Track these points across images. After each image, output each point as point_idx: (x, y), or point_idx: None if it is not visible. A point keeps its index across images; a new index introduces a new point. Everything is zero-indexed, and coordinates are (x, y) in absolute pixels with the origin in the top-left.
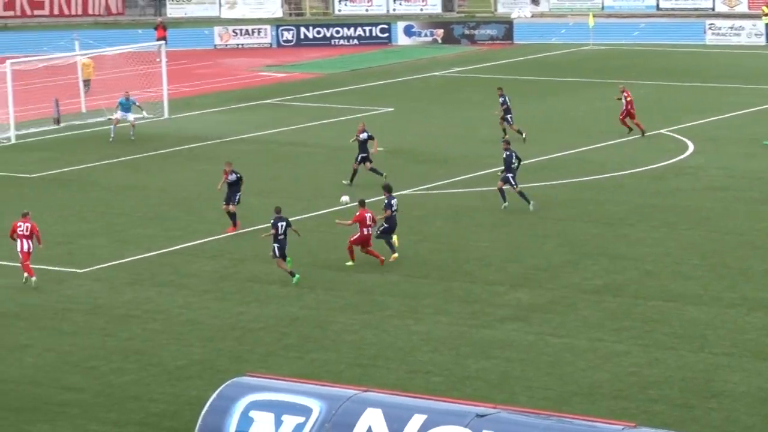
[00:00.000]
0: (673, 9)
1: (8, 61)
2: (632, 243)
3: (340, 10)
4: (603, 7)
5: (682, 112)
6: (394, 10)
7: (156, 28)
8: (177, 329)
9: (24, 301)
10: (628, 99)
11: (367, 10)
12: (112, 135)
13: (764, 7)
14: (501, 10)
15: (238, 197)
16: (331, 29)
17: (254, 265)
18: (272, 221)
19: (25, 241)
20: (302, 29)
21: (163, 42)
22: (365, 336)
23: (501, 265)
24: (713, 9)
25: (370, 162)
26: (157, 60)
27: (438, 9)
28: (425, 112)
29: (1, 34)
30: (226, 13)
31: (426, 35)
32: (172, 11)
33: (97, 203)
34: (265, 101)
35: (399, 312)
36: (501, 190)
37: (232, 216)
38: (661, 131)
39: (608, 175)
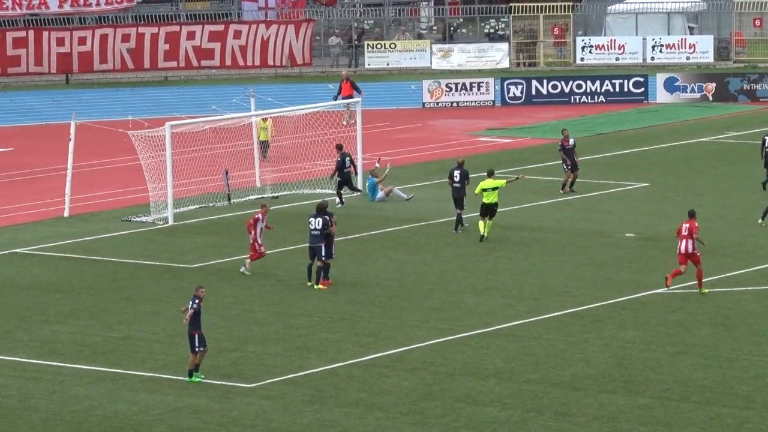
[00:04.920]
0: None
1: (167, 124)
2: None
3: (582, 59)
4: None
5: None
6: (652, 59)
7: (341, 84)
8: None
9: (178, 423)
10: None
11: (617, 59)
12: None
13: None
14: None
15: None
16: (570, 83)
17: (466, 381)
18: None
19: None
20: (534, 83)
21: (357, 100)
22: None
23: None
24: None
25: None
26: (344, 123)
27: (709, 58)
28: (689, 189)
29: (159, 90)
30: (439, 64)
31: (693, 90)
32: (372, 61)
33: (273, 301)
34: (476, 174)
35: None
36: None
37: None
38: None
39: None
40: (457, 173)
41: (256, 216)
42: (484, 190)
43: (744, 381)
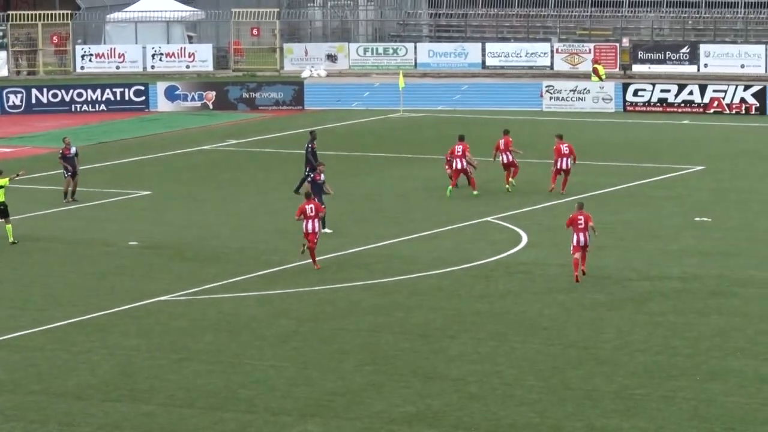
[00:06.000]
0: (502, 67)
1: None
2: (452, 359)
3: (82, 68)
4: (416, 65)
5: (513, 196)
6: (152, 67)
7: None
8: None
9: None
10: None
11: (118, 68)
12: None
13: (598, 66)
14: (289, 67)
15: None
16: (71, 91)
17: None
18: None
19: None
20: (34, 92)
21: None
22: None
23: (287, 389)
24: (551, 68)
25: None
26: None
27: (209, 66)
28: (192, 197)
29: None
30: None
31: (194, 99)
32: None
33: None
34: None
35: None
36: None
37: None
38: (488, 219)
39: (422, 274)
40: None
41: None
42: None
43: (246, 385)
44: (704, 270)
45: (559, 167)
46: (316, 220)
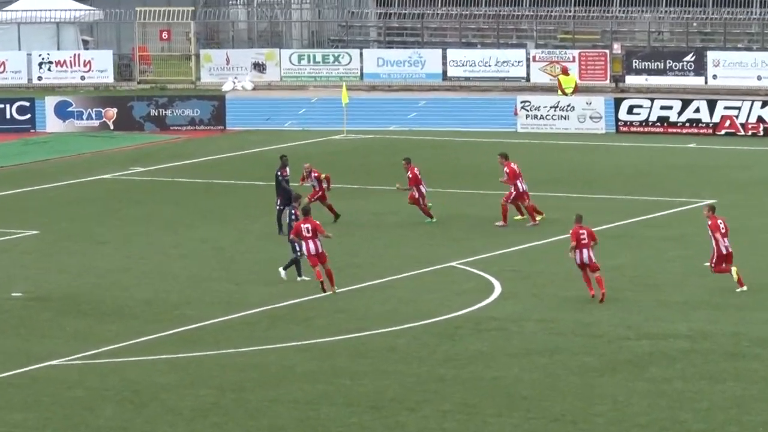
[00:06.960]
0: (467, 79)
1: None
2: None
3: None
4: (362, 76)
5: (481, 236)
6: (39, 78)
7: None
8: None
9: None
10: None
11: None
12: None
13: (563, 77)
14: (207, 79)
15: None
16: None
17: None
18: None
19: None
20: None
21: None
22: None
23: None
24: (527, 79)
25: None
26: None
27: (109, 77)
28: (88, 237)
29: None
30: None
31: (90, 117)
32: None
33: None
34: None
35: None
36: None
37: None
38: (452, 264)
39: (373, 332)
40: None
41: None
42: None
43: None
44: (716, 327)
45: (522, 191)
46: (316, 240)
